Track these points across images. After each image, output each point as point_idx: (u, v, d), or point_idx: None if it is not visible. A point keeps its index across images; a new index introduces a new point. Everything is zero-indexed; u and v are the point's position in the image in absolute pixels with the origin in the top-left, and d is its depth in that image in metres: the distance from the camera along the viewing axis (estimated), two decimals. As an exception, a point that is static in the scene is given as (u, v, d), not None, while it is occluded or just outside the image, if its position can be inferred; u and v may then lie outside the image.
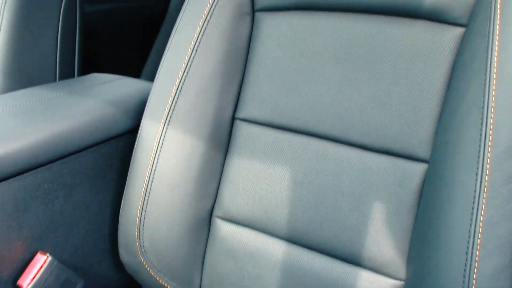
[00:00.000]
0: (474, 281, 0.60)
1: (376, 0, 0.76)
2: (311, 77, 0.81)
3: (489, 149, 0.60)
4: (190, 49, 0.85)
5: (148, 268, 0.86)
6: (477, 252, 0.60)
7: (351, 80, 0.78)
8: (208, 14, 0.86)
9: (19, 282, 0.77)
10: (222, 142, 0.87)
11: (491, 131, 0.61)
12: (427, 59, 0.72)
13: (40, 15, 1.12)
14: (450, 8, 0.70)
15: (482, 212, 0.60)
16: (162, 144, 0.83)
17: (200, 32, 0.86)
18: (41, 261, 0.78)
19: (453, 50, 0.71)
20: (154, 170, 0.83)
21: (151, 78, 2.07)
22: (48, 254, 0.79)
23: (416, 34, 0.74)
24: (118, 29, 1.98)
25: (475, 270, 0.60)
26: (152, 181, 0.83)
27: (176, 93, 0.84)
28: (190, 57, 0.85)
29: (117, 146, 0.91)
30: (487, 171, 0.60)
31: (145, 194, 0.84)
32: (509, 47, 0.62)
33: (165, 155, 0.83)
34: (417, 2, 0.72)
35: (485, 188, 0.60)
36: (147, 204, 0.84)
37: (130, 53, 2.11)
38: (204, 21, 0.86)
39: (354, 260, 0.76)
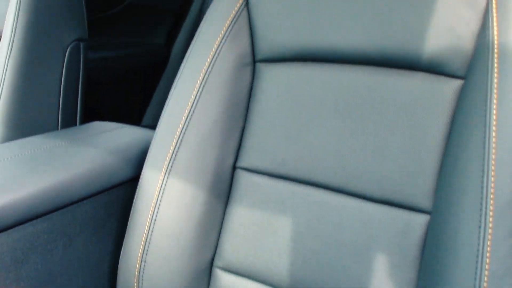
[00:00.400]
0: None
1: (374, 52, 0.77)
2: (311, 127, 0.82)
3: (491, 201, 0.60)
4: (191, 98, 0.86)
5: None
6: None
7: (351, 130, 0.78)
8: (210, 64, 0.87)
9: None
10: (223, 191, 0.87)
11: (492, 184, 0.61)
12: (427, 111, 0.73)
13: (44, 64, 1.13)
14: (448, 61, 0.72)
15: (487, 266, 0.59)
16: (162, 193, 0.83)
17: (202, 82, 0.87)
18: (38, 314, 0.76)
19: (452, 102, 0.72)
20: (155, 220, 0.83)
21: (153, 123, 2.09)
22: (45, 307, 0.77)
23: (415, 86, 0.75)
24: (121, 75, 2.01)
25: None
26: (152, 231, 0.83)
27: (177, 142, 0.85)
28: (191, 106, 0.86)
29: (117, 195, 0.90)
30: (490, 224, 0.60)
31: (145, 245, 0.83)
32: (508, 101, 0.63)
33: (165, 205, 0.83)
34: (415, 55, 0.73)
35: (489, 242, 0.60)
36: (146, 254, 0.83)
37: (132, 98, 2.13)
38: (206, 72, 0.87)
39: None
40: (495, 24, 0.67)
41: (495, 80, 0.64)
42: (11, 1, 1.11)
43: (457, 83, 0.72)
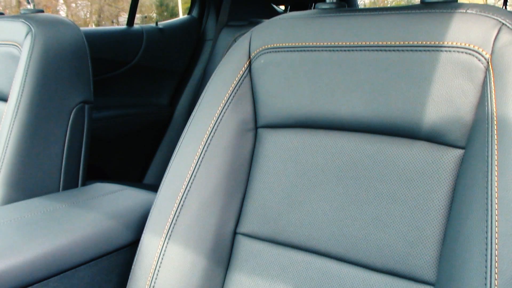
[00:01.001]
0: None
1: (375, 121, 0.78)
2: (313, 194, 0.81)
3: (496, 276, 0.59)
4: (193, 164, 0.87)
5: None
6: None
7: (353, 198, 0.78)
8: (212, 129, 0.88)
9: None
10: (223, 257, 0.86)
11: (496, 258, 0.60)
12: (428, 180, 0.73)
13: (49, 126, 1.15)
14: (448, 131, 0.72)
15: None
16: (162, 259, 0.82)
17: (203, 147, 0.87)
18: None
19: (453, 172, 0.72)
20: (153, 287, 0.81)
21: (155, 182, 2.08)
22: None
23: (416, 155, 0.75)
24: (124, 134, 2.03)
25: None
26: None
27: (178, 207, 0.85)
28: (193, 172, 0.86)
29: (116, 260, 0.89)
30: None
31: None
32: (509, 174, 0.63)
33: (164, 272, 0.82)
34: (415, 124, 0.74)
35: None
36: (144, 323, 0.81)
37: (135, 157, 2.14)
38: (208, 137, 0.88)
39: None
40: (493, 96, 0.68)
41: (496, 152, 0.65)
42: (19, 64, 1.14)
43: (458, 152, 0.72)
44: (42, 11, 1.28)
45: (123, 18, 17.10)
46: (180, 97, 2.26)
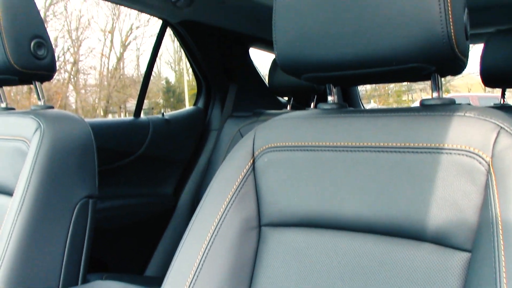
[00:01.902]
0: None
1: (379, 222, 0.77)
2: None
3: None
4: (195, 264, 0.86)
5: None
6: None
7: None
8: (216, 228, 0.88)
9: None
10: None
11: None
12: (435, 284, 0.71)
13: (52, 221, 1.15)
14: (453, 234, 0.72)
15: None
16: None
17: (207, 246, 0.87)
18: None
19: (460, 276, 0.71)
20: None
21: (156, 274, 2.03)
22: None
23: (423, 257, 0.74)
24: (127, 225, 2.02)
25: None
26: None
27: None
28: (195, 272, 0.85)
29: None
30: None
31: None
32: (517, 282, 0.62)
33: None
34: (420, 227, 0.74)
35: None
36: None
37: (137, 247, 2.11)
38: (212, 235, 0.87)
39: None
40: (496, 199, 0.68)
41: (503, 259, 0.64)
42: (27, 159, 1.16)
43: (464, 256, 0.71)
44: (52, 107, 1.32)
45: (131, 103, 17.55)
46: (184, 187, 2.27)
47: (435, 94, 0.84)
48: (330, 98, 0.95)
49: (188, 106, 2.56)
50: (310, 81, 0.93)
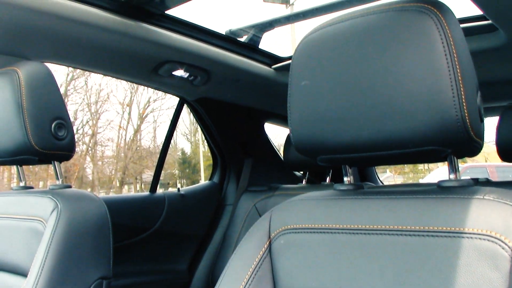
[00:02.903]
0: None
1: None
2: None
3: None
4: None
5: None
6: None
7: None
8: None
9: None
10: None
11: None
12: None
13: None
14: None
15: None
16: None
17: None
18: None
19: None
20: None
21: None
22: None
23: None
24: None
25: None
26: None
27: None
28: None
29: None
30: None
31: None
32: None
33: None
34: None
35: None
36: None
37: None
38: None
39: None
40: None
41: None
42: (42, 240, 1.16)
43: None
44: (69, 186, 1.34)
45: (147, 175, 17.66)
46: (199, 262, 2.24)
47: (452, 176, 0.83)
48: (346, 179, 0.94)
49: (203, 177, 2.57)
50: (326, 163, 0.93)
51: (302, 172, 2.57)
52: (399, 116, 0.76)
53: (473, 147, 0.79)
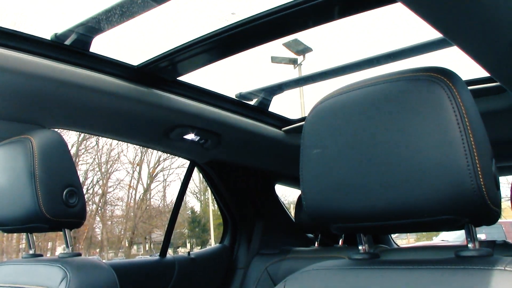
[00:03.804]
0: None
1: None
2: None
3: None
4: None
5: None
6: None
7: None
8: None
9: None
10: None
11: None
12: None
13: None
14: None
15: None
16: None
17: None
18: None
19: None
20: None
21: None
22: None
23: None
24: None
25: None
26: None
27: None
28: None
29: None
30: None
31: None
32: None
33: None
34: None
35: None
36: None
37: None
38: None
39: None
40: None
41: None
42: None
43: None
44: (79, 254, 1.32)
45: (156, 234, 17.49)
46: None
47: (470, 245, 0.81)
48: (361, 248, 0.92)
49: (213, 236, 2.53)
50: (340, 231, 0.91)
51: (313, 235, 2.53)
52: (413, 185, 0.75)
53: (491, 216, 0.78)
